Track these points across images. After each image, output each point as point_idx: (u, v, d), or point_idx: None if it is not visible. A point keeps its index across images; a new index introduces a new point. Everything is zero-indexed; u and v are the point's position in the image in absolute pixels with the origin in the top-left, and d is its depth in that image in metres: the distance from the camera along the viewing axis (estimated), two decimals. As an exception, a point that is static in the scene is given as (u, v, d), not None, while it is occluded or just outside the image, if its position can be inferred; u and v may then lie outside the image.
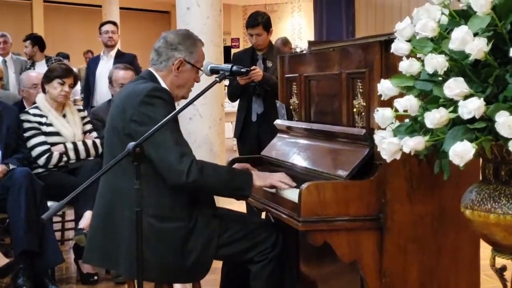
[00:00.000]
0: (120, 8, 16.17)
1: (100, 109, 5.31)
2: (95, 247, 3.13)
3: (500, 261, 2.27)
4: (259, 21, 5.26)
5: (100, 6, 16.08)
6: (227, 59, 8.40)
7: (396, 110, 2.16)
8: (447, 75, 2.05)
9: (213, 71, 3.15)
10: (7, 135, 4.63)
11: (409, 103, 2.11)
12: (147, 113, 2.93)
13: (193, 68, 3.17)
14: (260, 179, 3.10)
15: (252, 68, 4.97)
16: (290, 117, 3.79)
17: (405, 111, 2.13)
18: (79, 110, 4.99)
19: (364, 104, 2.98)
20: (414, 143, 2.06)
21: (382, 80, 2.27)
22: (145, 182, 2.69)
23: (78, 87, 8.42)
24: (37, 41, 7.97)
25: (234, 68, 3.07)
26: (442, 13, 2.14)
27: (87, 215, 4.36)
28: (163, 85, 3.12)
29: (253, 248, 3.10)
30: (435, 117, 1.99)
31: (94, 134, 4.92)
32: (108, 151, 3.11)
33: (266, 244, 3.10)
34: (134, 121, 2.94)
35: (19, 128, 4.70)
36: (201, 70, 3.18)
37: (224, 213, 3.22)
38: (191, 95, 3.14)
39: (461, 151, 1.91)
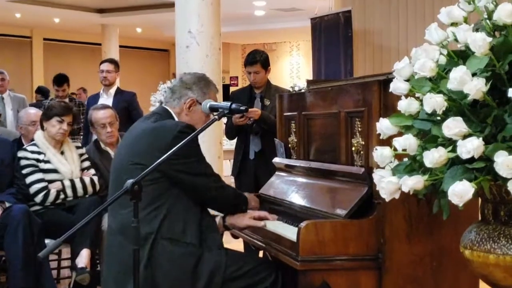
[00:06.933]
0: (120, 46, 16.29)
1: (88, 151, 5.16)
2: (109, 275, 3.12)
3: (500, 302, 2.25)
4: (258, 59, 5.28)
5: (100, 44, 16.19)
6: (226, 97, 8.42)
7: (395, 149, 2.16)
8: (446, 114, 2.05)
9: (212, 109, 3.15)
10: (0, 168, 4.61)
11: (408, 142, 2.11)
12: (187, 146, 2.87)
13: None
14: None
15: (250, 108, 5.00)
16: (288, 155, 3.79)
17: (404, 150, 2.13)
18: (77, 147, 4.97)
19: (363, 142, 2.98)
20: (413, 182, 2.06)
21: (381, 119, 2.27)
22: (158, 206, 2.93)
23: None
24: None
25: (233, 106, 3.04)
26: (441, 53, 2.16)
27: (84, 254, 4.33)
28: None
29: (252, 287, 3.07)
30: (434, 157, 1.99)
31: (92, 171, 4.88)
32: (115, 190, 3.05)
33: (265, 283, 3.08)
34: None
35: (13, 161, 4.68)
36: (213, 115, 3.17)
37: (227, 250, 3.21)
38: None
39: (460, 191, 1.91)
